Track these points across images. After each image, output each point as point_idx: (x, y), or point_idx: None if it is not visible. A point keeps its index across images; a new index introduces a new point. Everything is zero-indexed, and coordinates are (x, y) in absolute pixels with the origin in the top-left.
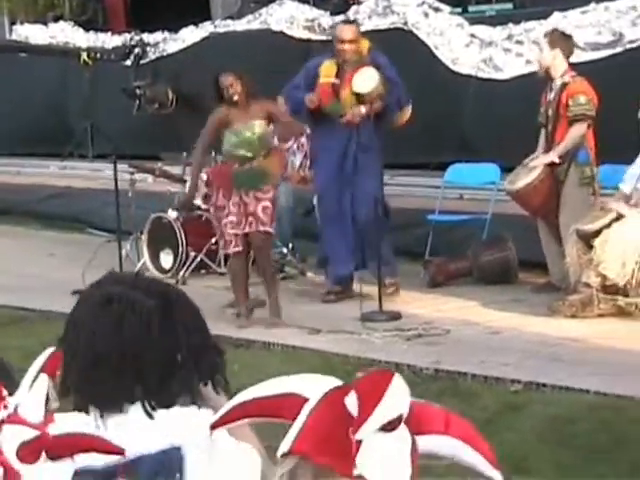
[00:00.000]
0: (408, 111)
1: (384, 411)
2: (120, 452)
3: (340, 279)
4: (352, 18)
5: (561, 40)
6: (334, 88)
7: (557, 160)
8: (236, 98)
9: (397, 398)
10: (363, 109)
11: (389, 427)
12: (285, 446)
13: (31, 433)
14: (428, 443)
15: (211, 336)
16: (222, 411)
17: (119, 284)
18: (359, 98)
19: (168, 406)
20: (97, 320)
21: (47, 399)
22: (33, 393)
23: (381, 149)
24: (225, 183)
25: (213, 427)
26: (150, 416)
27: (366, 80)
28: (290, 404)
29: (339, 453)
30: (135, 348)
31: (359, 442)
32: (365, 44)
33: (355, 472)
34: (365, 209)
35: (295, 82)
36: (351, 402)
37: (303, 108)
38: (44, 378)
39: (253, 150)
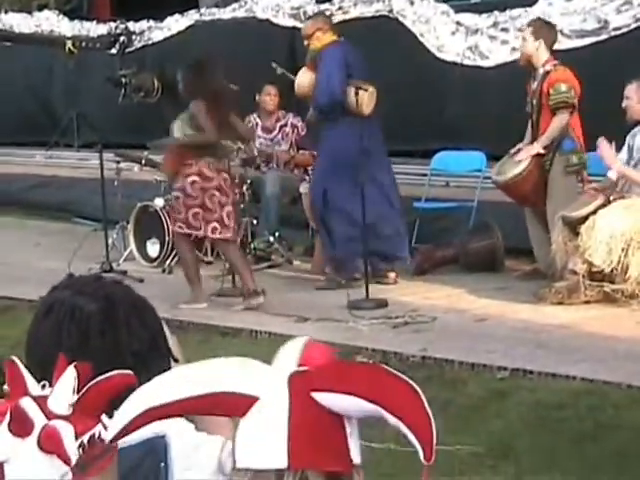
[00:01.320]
0: (364, 94)
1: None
2: None
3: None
4: (337, 6)
5: (545, 30)
6: None
7: (542, 151)
8: None
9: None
10: (312, 114)
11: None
12: (273, 461)
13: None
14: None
15: (164, 340)
16: (121, 417)
17: (67, 289)
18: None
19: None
20: (38, 328)
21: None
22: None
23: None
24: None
25: (112, 440)
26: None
27: (298, 81)
28: (232, 405)
29: (339, 454)
30: (74, 355)
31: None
32: (323, 40)
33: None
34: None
35: None
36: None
37: None
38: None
39: None
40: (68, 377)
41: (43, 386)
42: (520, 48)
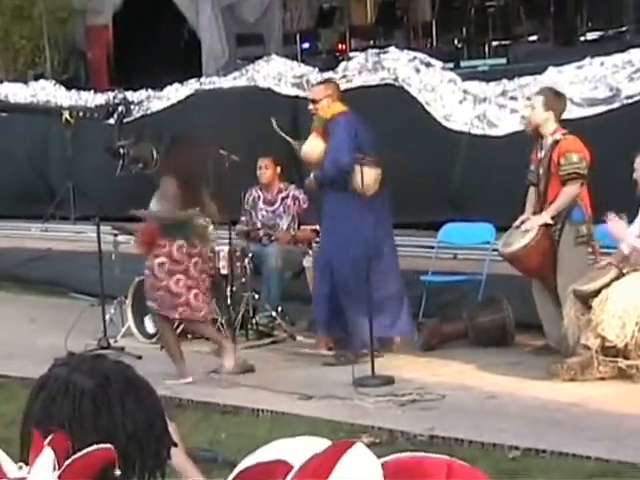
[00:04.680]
0: (368, 171)
1: None
2: None
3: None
4: (341, 74)
5: (555, 102)
6: None
7: (550, 221)
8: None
9: (350, 471)
10: (313, 181)
11: None
12: None
13: None
14: None
15: (162, 423)
16: None
17: (65, 365)
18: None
19: None
20: (31, 404)
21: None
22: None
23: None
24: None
25: None
26: None
27: (307, 149)
28: (275, 472)
29: None
30: (64, 428)
31: None
32: (332, 110)
33: None
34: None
35: None
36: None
37: None
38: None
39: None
40: (45, 456)
41: (20, 467)
42: (528, 116)
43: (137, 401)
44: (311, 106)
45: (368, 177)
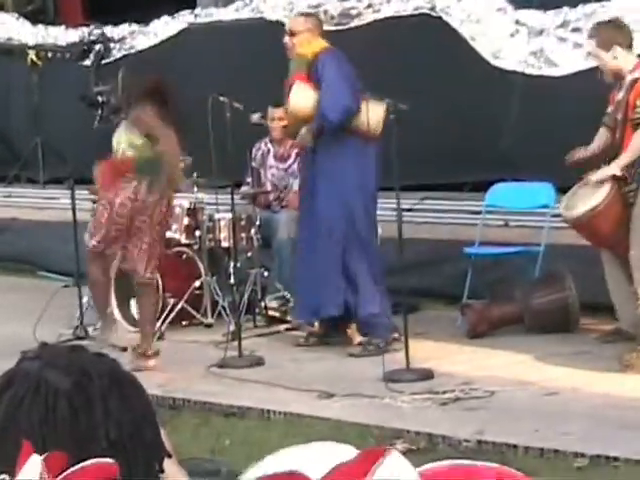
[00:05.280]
0: (376, 110)
1: None
2: None
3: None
4: (366, 3)
5: (613, 32)
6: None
7: (619, 173)
8: None
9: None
10: (303, 131)
11: None
12: None
13: None
14: None
15: (153, 428)
16: None
17: (37, 359)
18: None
19: None
20: None
21: None
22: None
23: (355, 160)
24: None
25: None
26: None
27: (299, 99)
28: None
29: None
30: (34, 434)
31: None
32: (314, 46)
33: None
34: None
35: None
36: None
37: None
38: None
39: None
40: (31, 469)
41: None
42: (600, 68)
43: (122, 402)
44: (287, 39)
45: (377, 113)
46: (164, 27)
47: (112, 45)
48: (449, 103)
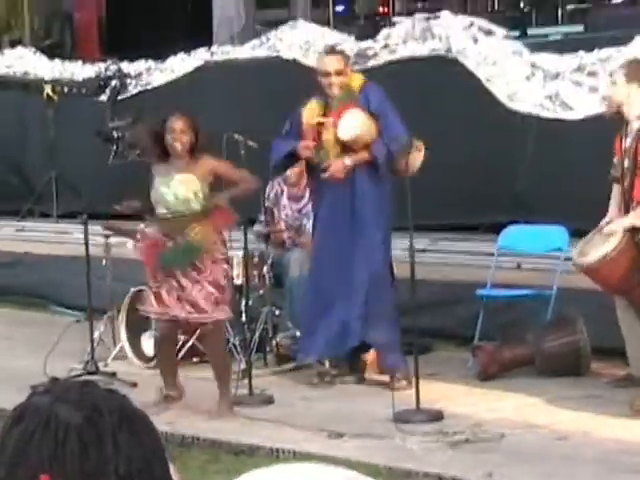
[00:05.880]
0: (416, 153)
1: None
2: None
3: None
4: (382, 44)
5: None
6: (319, 131)
7: (638, 224)
8: (179, 149)
9: None
10: (348, 161)
11: None
12: None
13: None
14: None
15: (162, 465)
16: None
17: (48, 394)
18: (345, 145)
19: None
20: (4, 440)
21: None
22: None
23: (385, 199)
24: (151, 262)
25: None
26: None
27: (351, 125)
28: None
29: None
30: (44, 468)
31: None
32: (357, 80)
33: None
34: (365, 272)
35: (282, 133)
36: None
37: (281, 161)
38: None
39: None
40: None
41: None
42: (609, 95)
43: (132, 438)
44: (325, 79)
45: (420, 157)
46: (180, 64)
47: (128, 81)
48: (463, 145)
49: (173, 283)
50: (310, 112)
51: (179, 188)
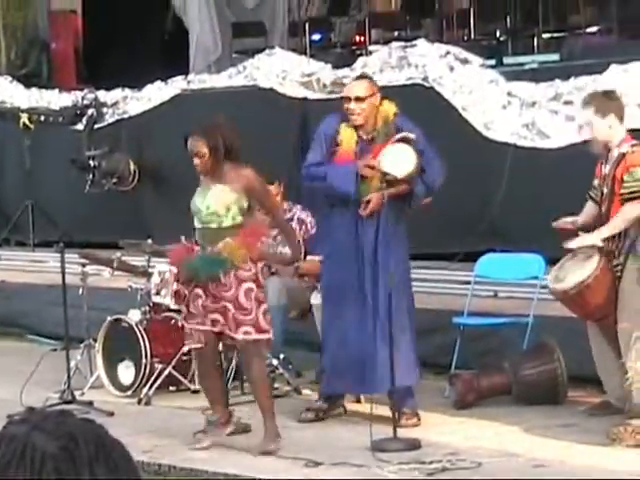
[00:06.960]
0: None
1: None
2: None
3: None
4: (358, 72)
5: (609, 102)
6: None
7: (600, 243)
8: (199, 170)
9: None
10: (386, 195)
11: None
12: None
13: None
14: None
15: None
16: None
17: (24, 423)
18: (388, 180)
19: None
20: None
21: None
22: None
23: (405, 233)
24: (177, 262)
25: None
26: None
27: (401, 161)
28: None
29: None
30: None
31: None
32: (391, 108)
33: None
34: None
35: (311, 159)
36: None
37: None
38: None
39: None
40: None
41: None
42: (593, 137)
43: (109, 468)
44: (352, 105)
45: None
46: (157, 92)
47: (105, 110)
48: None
49: (198, 294)
50: (346, 137)
51: (211, 200)
